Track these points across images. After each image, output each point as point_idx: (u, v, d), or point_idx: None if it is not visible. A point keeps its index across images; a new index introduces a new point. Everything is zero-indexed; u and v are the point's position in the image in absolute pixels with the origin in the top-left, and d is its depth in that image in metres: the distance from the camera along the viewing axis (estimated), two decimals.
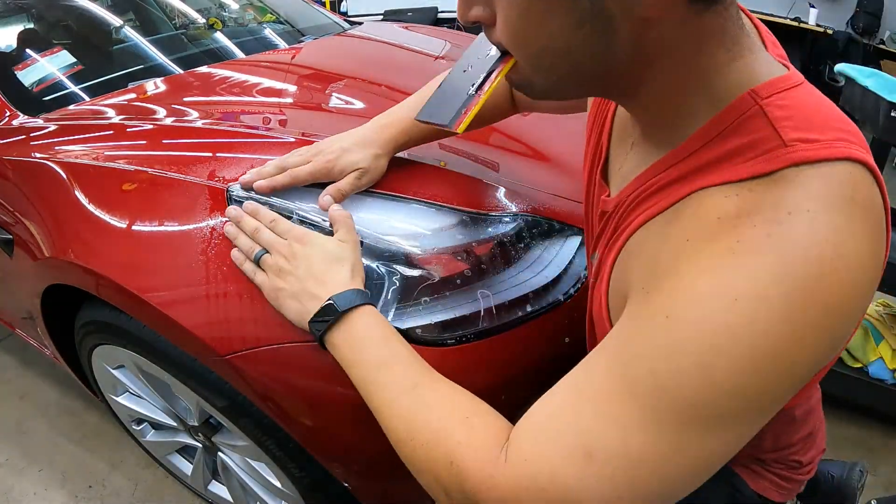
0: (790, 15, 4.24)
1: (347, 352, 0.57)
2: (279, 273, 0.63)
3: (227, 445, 1.03)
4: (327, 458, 0.80)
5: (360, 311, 0.58)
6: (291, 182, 0.74)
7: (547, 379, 0.81)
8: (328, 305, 0.58)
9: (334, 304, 0.57)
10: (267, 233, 0.67)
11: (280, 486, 0.97)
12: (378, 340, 0.56)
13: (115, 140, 0.99)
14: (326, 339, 0.58)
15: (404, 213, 0.79)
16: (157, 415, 1.13)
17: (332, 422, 0.74)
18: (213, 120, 1.05)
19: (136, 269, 0.77)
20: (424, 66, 1.55)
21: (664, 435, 0.36)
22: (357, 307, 0.58)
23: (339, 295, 0.58)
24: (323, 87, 1.27)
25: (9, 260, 1.03)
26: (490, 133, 1.13)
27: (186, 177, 0.81)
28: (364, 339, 0.56)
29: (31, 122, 1.09)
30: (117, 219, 0.81)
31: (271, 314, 0.70)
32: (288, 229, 0.66)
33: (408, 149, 0.82)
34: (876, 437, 1.47)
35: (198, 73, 1.32)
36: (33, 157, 0.97)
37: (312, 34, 1.76)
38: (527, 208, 0.86)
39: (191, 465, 1.22)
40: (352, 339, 0.57)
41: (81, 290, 0.88)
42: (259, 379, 0.72)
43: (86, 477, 1.37)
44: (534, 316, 0.78)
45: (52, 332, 1.10)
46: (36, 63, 1.29)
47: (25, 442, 1.46)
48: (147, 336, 0.86)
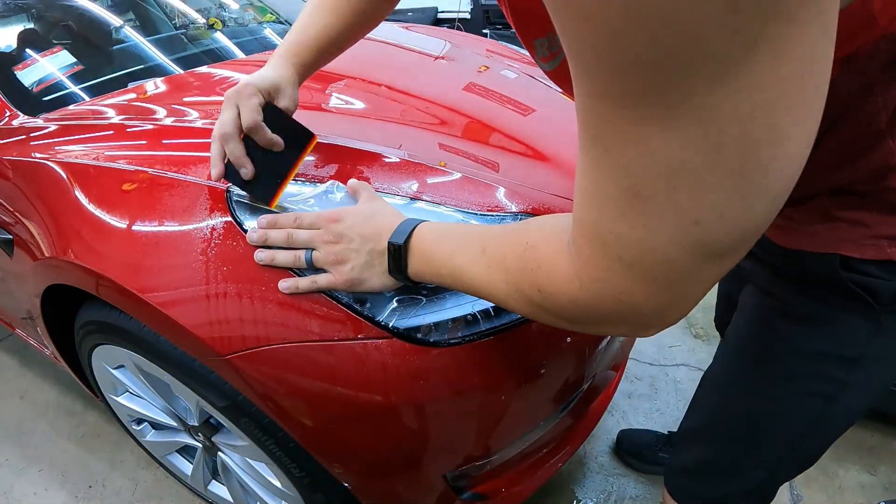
0: None
1: (427, 269, 0.59)
2: (339, 260, 0.64)
3: (227, 445, 1.03)
4: (327, 458, 0.80)
5: (416, 234, 0.60)
6: None
7: (548, 379, 0.81)
8: (392, 248, 0.60)
9: (393, 244, 0.60)
10: (300, 233, 0.67)
11: (280, 486, 0.97)
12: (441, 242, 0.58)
13: (115, 140, 0.99)
14: (411, 275, 0.61)
15: (404, 213, 0.79)
16: (157, 415, 1.13)
17: (332, 422, 0.74)
18: (213, 120, 1.05)
19: (136, 269, 0.77)
20: (424, 66, 1.55)
21: None
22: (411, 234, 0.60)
23: (393, 233, 0.61)
24: (322, 86, 1.27)
25: (9, 260, 1.03)
26: (490, 133, 1.13)
27: (186, 177, 0.81)
28: (433, 250, 0.58)
29: (31, 122, 1.09)
30: (117, 219, 0.81)
31: (271, 314, 0.70)
32: (315, 218, 0.66)
33: None
34: (876, 437, 1.47)
35: (198, 73, 1.32)
36: (33, 157, 0.97)
37: None
38: (527, 208, 0.86)
39: (191, 465, 1.22)
40: (426, 258, 0.59)
41: (81, 290, 0.88)
42: (259, 379, 0.72)
43: (86, 477, 1.37)
44: None
45: (52, 332, 1.10)
46: (36, 63, 1.29)
47: (25, 442, 1.46)
48: (147, 336, 0.86)
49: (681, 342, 1.85)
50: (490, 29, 4.81)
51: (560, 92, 1.49)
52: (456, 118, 1.16)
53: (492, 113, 1.22)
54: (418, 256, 0.60)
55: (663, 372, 1.72)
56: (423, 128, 1.09)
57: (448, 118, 1.15)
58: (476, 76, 1.44)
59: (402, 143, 0.97)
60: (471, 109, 1.21)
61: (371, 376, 0.69)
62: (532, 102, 1.32)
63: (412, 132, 1.06)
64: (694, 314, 1.99)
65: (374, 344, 0.70)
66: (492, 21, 4.93)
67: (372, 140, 0.96)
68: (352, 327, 0.70)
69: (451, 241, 0.57)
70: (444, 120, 1.14)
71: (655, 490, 1.35)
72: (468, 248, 0.54)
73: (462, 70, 1.53)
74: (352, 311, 0.70)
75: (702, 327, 1.93)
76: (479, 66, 1.55)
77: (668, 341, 1.85)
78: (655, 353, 1.80)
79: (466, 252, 0.54)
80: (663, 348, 1.82)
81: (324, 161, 0.86)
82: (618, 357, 1.10)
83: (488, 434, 0.79)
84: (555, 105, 1.42)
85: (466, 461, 0.82)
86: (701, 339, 1.88)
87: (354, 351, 0.69)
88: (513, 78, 1.50)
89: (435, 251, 0.58)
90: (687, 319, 1.96)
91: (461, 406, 0.73)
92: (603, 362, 0.95)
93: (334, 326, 0.70)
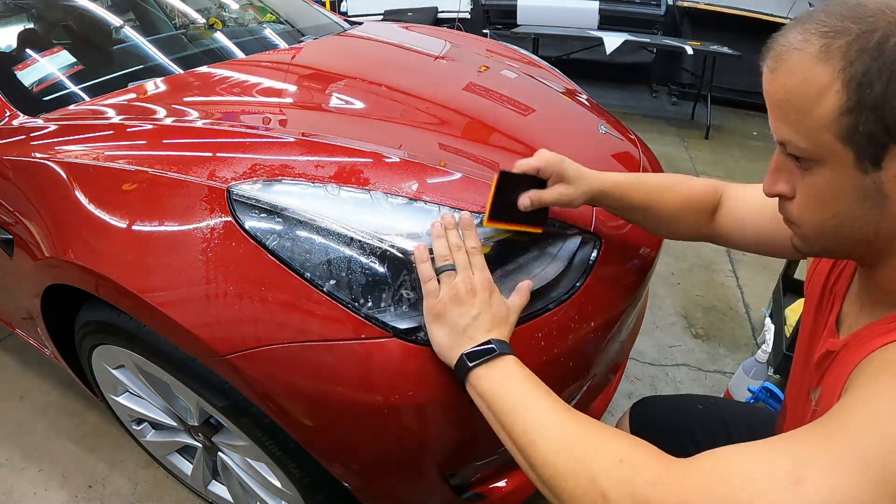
0: (790, 15, 4.25)
1: (497, 384, 0.61)
2: (453, 297, 0.66)
3: (227, 445, 1.03)
4: (327, 458, 0.80)
5: (510, 357, 0.63)
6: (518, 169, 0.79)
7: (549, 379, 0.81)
8: (488, 347, 0.63)
9: (494, 347, 0.63)
10: (464, 257, 0.69)
11: (280, 486, 0.97)
12: (525, 376, 0.61)
13: (115, 140, 0.99)
14: (474, 372, 0.62)
15: (404, 214, 0.79)
16: (157, 415, 1.13)
17: (332, 422, 0.74)
18: (213, 120, 1.05)
19: (136, 269, 0.77)
20: (424, 66, 1.55)
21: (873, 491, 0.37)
22: (507, 353, 0.63)
23: (496, 340, 0.64)
24: (323, 87, 1.27)
25: (9, 260, 1.03)
26: (490, 133, 1.13)
27: (186, 177, 0.81)
28: (513, 375, 0.61)
29: (31, 122, 1.09)
30: (117, 219, 0.81)
31: (271, 314, 0.70)
32: (482, 267, 0.69)
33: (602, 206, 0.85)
34: None
35: (198, 73, 1.32)
36: (33, 157, 0.97)
37: (312, 34, 1.76)
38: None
39: (191, 465, 1.22)
40: (502, 374, 0.61)
41: (81, 290, 0.88)
42: (259, 379, 0.72)
43: (86, 477, 1.37)
44: (535, 315, 0.78)
45: (52, 332, 1.10)
46: (36, 63, 1.29)
47: (25, 442, 1.46)
48: (147, 336, 0.86)
49: (681, 342, 1.85)
50: (490, 29, 4.81)
51: (560, 92, 1.49)
52: (456, 118, 1.16)
53: (491, 113, 1.22)
54: (494, 372, 0.62)
55: (663, 372, 1.72)
56: (423, 128, 1.09)
57: (448, 118, 1.15)
58: (476, 76, 1.44)
59: (402, 143, 0.97)
60: (471, 109, 1.21)
61: (371, 376, 0.69)
62: (532, 102, 1.32)
63: (412, 132, 1.06)
64: (694, 314, 1.99)
65: (374, 344, 0.69)
66: (492, 21, 4.93)
67: (372, 140, 0.96)
68: (352, 327, 0.70)
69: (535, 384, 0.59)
70: (444, 120, 1.14)
71: None
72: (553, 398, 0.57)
73: (462, 70, 1.53)
74: (352, 311, 0.70)
75: (702, 327, 1.93)
76: (478, 66, 1.55)
77: (668, 341, 1.85)
78: (655, 353, 1.80)
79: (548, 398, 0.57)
80: (663, 348, 1.82)
81: (324, 161, 0.86)
82: (618, 357, 1.10)
83: (488, 434, 0.78)
84: (554, 105, 1.42)
85: (466, 461, 0.82)
86: (701, 339, 1.88)
87: (354, 351, 0.69)
88: (512, 78, 1.50)
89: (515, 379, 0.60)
90: (687, 319, 1.96)
91: (461, 406, 0.73)
92: (603, 363, 0.95)
93: (334, 326, 0.70)
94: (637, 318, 1.16)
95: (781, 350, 1.64)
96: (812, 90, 0.46)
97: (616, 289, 0.90)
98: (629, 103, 4.63)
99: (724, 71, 4.04)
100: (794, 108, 0.48)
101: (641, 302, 1.16)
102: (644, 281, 0.97)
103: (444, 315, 0.66)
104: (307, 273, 0.71)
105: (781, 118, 0.50)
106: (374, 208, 0.78)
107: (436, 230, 0.72)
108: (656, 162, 1.30)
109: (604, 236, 0.91)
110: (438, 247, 0.70)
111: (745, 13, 4.26)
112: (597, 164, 1.12)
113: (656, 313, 1.98)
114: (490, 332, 0.65)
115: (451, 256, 0.69)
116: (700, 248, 2.33)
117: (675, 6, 4.57)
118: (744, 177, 3.22)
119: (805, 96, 0.47)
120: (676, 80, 4.70)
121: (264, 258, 0.72)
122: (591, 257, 0.88)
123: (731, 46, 3.76)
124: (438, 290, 0.67)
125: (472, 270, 0.68)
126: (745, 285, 2.18)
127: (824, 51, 0.45)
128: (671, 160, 3.40)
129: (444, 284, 0.68)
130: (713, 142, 3.84)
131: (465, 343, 0.64)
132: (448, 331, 0.66)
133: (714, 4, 4.41)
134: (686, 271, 2.24)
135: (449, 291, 0.67)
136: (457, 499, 0.86)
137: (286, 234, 0.73)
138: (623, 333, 0.99)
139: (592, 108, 1.45)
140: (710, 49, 3.67)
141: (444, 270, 0.68)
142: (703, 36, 4.16)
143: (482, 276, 0.68)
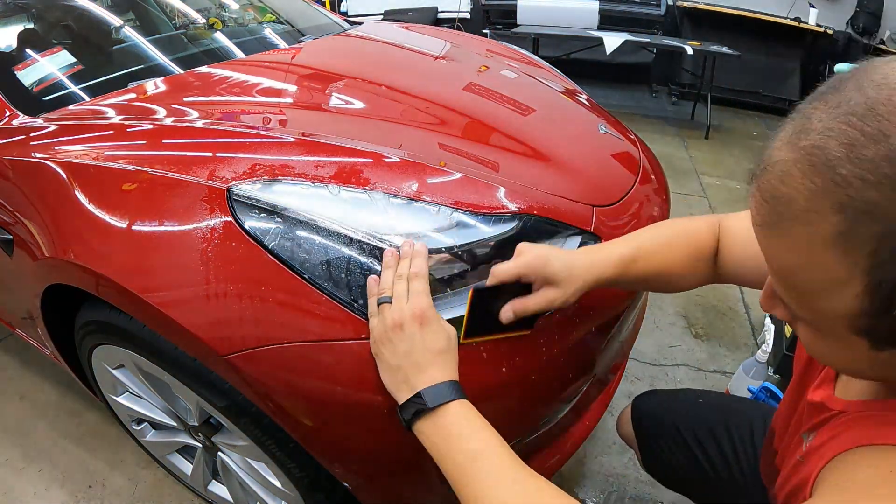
0: (790, 15, 4.25)
1: (438, 441, 0.57)
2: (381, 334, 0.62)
3: (227, 445, 1.03)
4: (327, 458, 0.80)
5: (451, 406, 0.58)
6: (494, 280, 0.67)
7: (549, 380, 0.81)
8: (417, 396, 0.58)
9: (423, 399, 0.58)
10: (403, 286, 0.64)
11: (280, 486, 0.97)
12: (470, 434, 0.56)
13: (115, 140, 0.99)
14: (414, 426, 0.59)
15: (404, 214, 0.79)
16: (157, 415, 1.13)
17: (332, 422, 0.74)
18: (213, 120, 1.05)
19: (137, 269, 0.77)
20: (424, 66, 1.55)
21: None
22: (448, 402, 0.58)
23: (431, 388, 0.58)
24: (323, 86, 1.27)
25: (9, 260, 1.03)
26: (490, 133, 1.13)
27: (186, 177, 0.81)
28: (456, 433, 0.56)
29: (31, 122, 1.09)
30: (117, 219, 0.81)
31: (271, 314, 0.70)
32: (417, 293, 0.63)
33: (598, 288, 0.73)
34: None
35: (198, 73, 1.32)
36: (33, 157, 0.97)
37: (312, 34, 1.76)
38: (526, 208, 0.86)
39: (191, 465, 1.22)
40: (443, 430, 0.57)
41: (81, 290, 0.88)
42: (259, 379, 0.72)
43: (86, 477, 1.37)
44: None
45: (52, 332, 1.10)
46: (36, 63, 1.29)
47: (25, 442, 1.46)
48: (147, 336, 0.86)
49: (681, 342, 1.86)
50: (490, 29, 4.81)
51: (560, 92, 1.49)
52: (456, 118, 1.16)
53: (492, 113, 1.22)
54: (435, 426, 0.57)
55: (663, 372, 1.72)
56: (423, 128, 1.09)
57: (448, 118, 1.15)
58: (476, 76, 1.44)
59: (402, 143, 0.97)
60: (471, 109, 1.21)
61: (371, 376, 0.69)
62: (532, 102, 1.32)
63: (412, 132, 1.06)
64: (694, 314, 1.99)
65: None
66: (492, 21, 4.93)
67: (372, 140, 0.96)
68: (352, 327, 0.70)
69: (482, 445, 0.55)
70: (444, 120, 1.14)
71: (656, 491, 1.35)
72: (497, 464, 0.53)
73: (462, 70, 1.53)
74: (352, 311, 0.70)
75: (702, 327, 1.93)
76: (478, 66, 1.55)
77: (668, 341, 1.85)
78: (655, 353, 1.80)
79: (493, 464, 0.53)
80: (663, 348, 1.82)
81: (324, 161, 0.86)
82: (618, 357, 1.10)
83: None
84: (554, 105, 1.42)
85: None
86: (701, 339, 1.88)
87: (354, 351, 0.69)
88: (513, 78, 1.50)
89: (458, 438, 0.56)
90: (687, 319, 1.96)
91: None
92: (603, 363, 0.95)
93: (334, 326, 0.70)
94: (637, 318, 1.15)
95: (781, 350, 1.64)
96: (819, 279, 0.36)
97: (616, 289, 0.90)
98: (629, 103, 4.63)
99: (723, 71, 4.04)
100: (793, 285, 0.39)
101: (641, 302, 1.16)
102: None
103: (378, 355, 0.63)
104: (307, 273, 0.71)
105: (779, 284, 0.41)
106: (374, 208, 0.78)
107: (386, 259, 0.68)
108: (656, 162, 1.30)
109: (604, 236, 0.91)
110: (384, 279, 0.67)
111: (745, 13, 4.27)
112: (597, 163, 1.12)
113: (656, 313, 1.98)
114: (423, 373, 0.59)
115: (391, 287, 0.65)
116: None
117: (675, 6, 4.58)
118: (744, 177, 3.21)
119: (808, 282, 0.37)
120: (676, 80, 4.70)
121: (264, 258, 0.72)
122: None
123: (731, 46, 3.76)
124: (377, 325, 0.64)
125: (406, 299, 0.62)
126: None
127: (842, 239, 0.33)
128: (671, 160, 3.40)
129: (378, 320, 0.64)
130: (713, 142, 3.84)
131: (402, 391, 0.60)
132: (386, 371, 0.62)
133: (714, 4, 4.42)
134: None
135: (378, 327, 0.63)
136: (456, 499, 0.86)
137: (286, 234, 0.73)
138: (623, 333, 0.99)
139: (592, 108, 1.45)
140: (710, 49, 3.67)
141: (382, 303, 0.64)
142: (703, 36, 4.16)
143: (414, 304, 0.62)
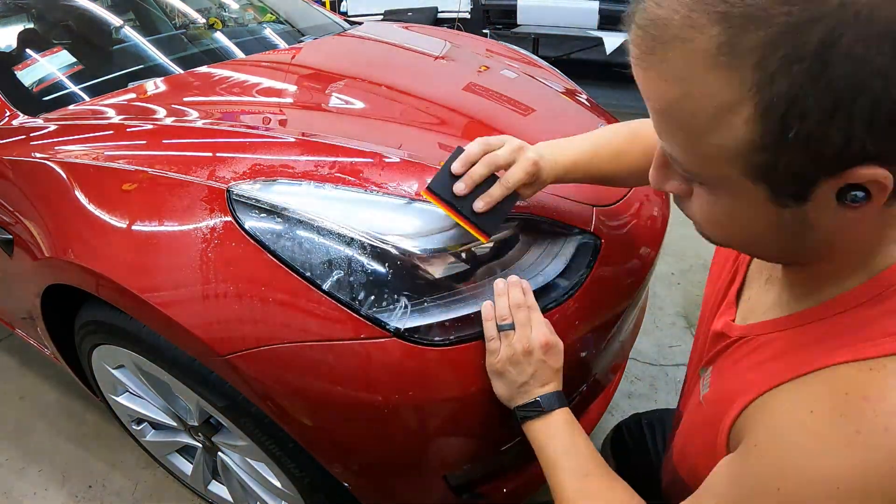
0: None
1: (541, 437, 0.67)
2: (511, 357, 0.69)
3: (227, 445, 1.03)
4: (327, 458, 0.80)
5: (558, 411, 0.68)
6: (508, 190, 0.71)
7: None
8: (536, 404, 0.69)
9: (541, 405, 0.68)
10: (525, 314, 0.71)
11: (280, 486, 0.97)
12: (566, 434, 0.66)
13: (115, 140, 0.99)
14: (525, 425, 0.69)
15: (404, 213, 0.79)
16: (157, 415, 1.13)
17: (332, 422, 0.74)
18: (213, 120, 1.05)
19: (136, 269, 0.77)
20: (424, 66, 1.55)
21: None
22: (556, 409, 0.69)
23: (545, 396, 0.69)
24: (323, 86, 1.27)
25: (9, 260, 1.03)
26: (490, 133, 1.13)
27: (187, 177, 0.81)
28: (557, 431, 0.67)
29: (31, 122, 1.09)
30: (117, 219, 0.81)
31: (271, 314, 0.70)
32: (539, 324, 0.71)
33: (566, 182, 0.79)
34: None
35: (198, 73, 1.32)
36: (33, 157, 0.97)
37: (312, 34, 1.76)
38: (526, 207, 0.86)
39: (191, 465, 1.22)
40: (547, 428, 0.67)
41: (81, 290, 0.88)
42: (259, 379, 0.72)
43: (86, 477, 1.37)
44: None
45: (52, 332, 1.10)
46: (36, 63, 1.29)
47: (25, 442, 1.46)
48: (147, 336, 0.86)
49: (681, 342, 1.85)
50: (490, 29, 4.81)
51: (560, 92, 1.49)
52: (456, 118, 1.16)
53: (491, 113, 1.22)
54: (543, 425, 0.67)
55: (663, 372, 1.72)
56: (423, 128, 1.09)
57: (448, 118, 1.15)
58: (476, 76, 1.44)
59: (403, 143, 0.97)
60: (471, 109, 1.21)
61: (371, 376, 0.69)
62: (532, 102, 1.32)
63: (412, 132, 1.06)
64: (694, 314, 1.99)
65: (374, 344, 0.69)
66: (492, 21, 4.93)
67: (372, 140, 0.96)
68: (352, 327, 0.70)
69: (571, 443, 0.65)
70: (444, 120, 1.14)
71: None
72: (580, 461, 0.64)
73: (462, 70, 1.53)
74: (352, 311, 0.70)
75: None
76: (478, 66, 1.55)
77: (668, 341, 1.85)
78: (655, 353, 1.80)
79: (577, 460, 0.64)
80: (663, 348, 1.82)
81: (324, 161, 0.86)
82: (618, 357, 1.10)
83: (488, 434, 0.79)
84: (554, 105, 1.41)
85: (466, 461, 0.82)
86: None
87: (354, 351, 0.69)
88: (512, 78, 1.50)
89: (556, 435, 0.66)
90: (686, 319, 1.96)
91: (461, 406, 0.73)
92: (603, 362, 0.95)
93: (334, 326, 0.70)
94: (637, 318, 1.15)
95: None
96: (704, 109, 0.32)
97: (616, 288, 0.90)
98: (629, 103, 4.62)
99: None
100: (677, 124, 0.35)
101: (641, 302, 1.15)
102: (644, 281, 0.97)
103: (503, 374, 0.70)
104: (307, 273, 0.71)
105: (663, 129, 0.37)
106: (374, 208, 0.78)
107: (498, 288, 0.73)
108: None
109: (604, 236, 0.91)
110: (500, 306, 0.72)
111: None
112: None
113: (656, 313, 1.98)
114: (544, 388, 0.69)
115: (511, 315, 0.71)
116: (700, 248, 2.32)
117: None
118: None
119: (693, 116, 0.33)
120: None
121: (264, 258, 0.72)
122: (591, 257, 0.88)
123: None
124: (499, 349, 0.70)
125: (530, 327, 0.70)
126: None
127: (725, 51, 0.29)
128: None
129: (503, 344, 0.70)
130: None
131: (520, 398, 0.69)
132: (506, 386, 0.70)
133: None
134: (686, 271, 2.24)
135: (507, 351, 0.69)
136: (456, 499, 0.86)
137: (286, 234, 0.73)
138: (623, 333, 0.99)
139: (592, 108, 1.45)
140: None
141: (504, 329, 0.70)
142: None
143: (539, 332, 0.70)
